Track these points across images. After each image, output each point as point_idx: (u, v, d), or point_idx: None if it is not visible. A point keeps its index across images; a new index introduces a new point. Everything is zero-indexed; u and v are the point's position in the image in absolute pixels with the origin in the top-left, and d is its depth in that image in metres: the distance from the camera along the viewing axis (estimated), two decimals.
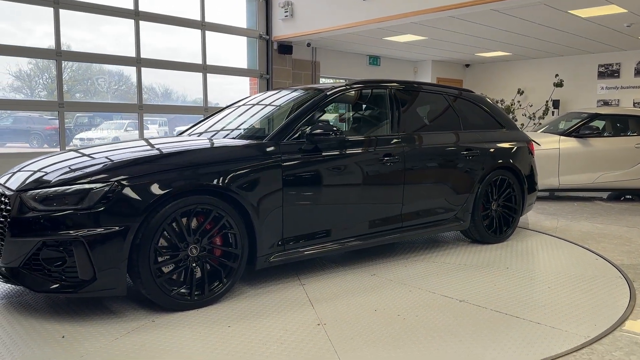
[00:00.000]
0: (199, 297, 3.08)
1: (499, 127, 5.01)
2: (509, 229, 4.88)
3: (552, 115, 12.61)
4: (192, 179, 3.04)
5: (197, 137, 4.15)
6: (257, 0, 10.12)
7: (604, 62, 12.26)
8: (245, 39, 10.36)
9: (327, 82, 11.47)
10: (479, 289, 3.55)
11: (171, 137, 4.17)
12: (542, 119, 12.64)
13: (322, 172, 3.61)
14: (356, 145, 3.88)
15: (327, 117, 4.42)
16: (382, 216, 3.98)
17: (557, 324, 2.92)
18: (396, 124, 4.22)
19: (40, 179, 3.03)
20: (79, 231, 2.77)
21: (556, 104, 12.84)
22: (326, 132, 3.55)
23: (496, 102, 13.37)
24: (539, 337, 2.75)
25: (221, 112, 4.71)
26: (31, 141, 9.53)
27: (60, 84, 7.73)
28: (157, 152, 3.37)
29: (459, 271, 3.96)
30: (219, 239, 3.16)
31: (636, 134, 7.58)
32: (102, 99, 9.01)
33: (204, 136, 4.15)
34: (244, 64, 10.46)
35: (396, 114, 4.25)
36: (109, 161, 3.15)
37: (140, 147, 3.58)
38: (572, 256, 4.40)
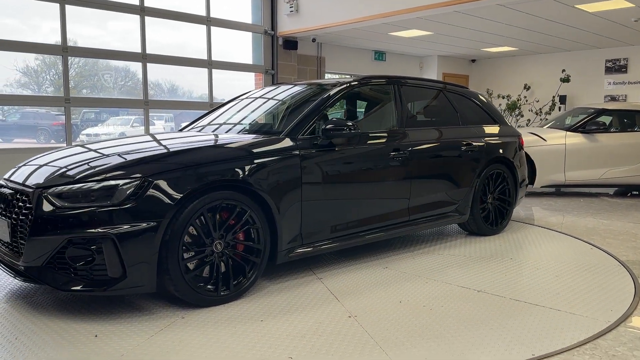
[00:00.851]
0: (225, 292, 3.08)
1: (492, 122, 5.16)
2: (504, 221, 5.05)
3: (559, 110, 12.54)
4: (220, 174, 3.05)
5: (212, 132, 4.14)
6: None
7: (611, 57, 12.17)
8: (250, 34, 10.36)
9: (329, 78, 11.45)
10: (491, 279, 3.67)
11: (180, 133, 4.15)
12: (549, 114, 12.57)
13: (337, 167, 3.66)
14: (369, 140, 3.95)
15: (330, 112, 4.42)
16: (392, 210, 4.07)
17: (575, 310, 3.06)
18: (403, 119, 4.29)
19: (61, 175, 2.97)
20: (109, 228, 2.71)
21: (563, 100, 12.77)
22: (341, 127, 3.58)
23: (502, 98, 13.31)
24: (564, 323, 2.88)
25: (224, 106, 4.71)
26: (38, 137, 9.59)
27: (66, 79, 7.77)
28: (182, 147, 3.33)
29: (467, 263, 4.07)
30: (241, 235, 3.17)
31: None
32: (108, 95, 9.04)
33: (218, 131, 4.15)
34: (249, 60, 10.46)
35: (403, 109, 4.32)
36: (131, 156, 3.10)
37: (155, 142, 3.57)
38: (574, 248, 4.41)
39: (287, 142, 3.45)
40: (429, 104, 4.82)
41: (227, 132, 4.12)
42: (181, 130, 4.51)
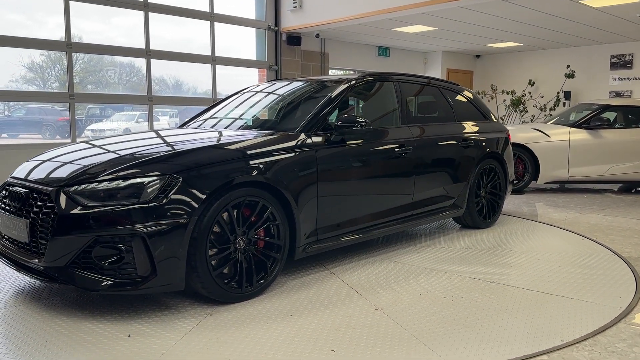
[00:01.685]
0: (248, 289, 3.09)
1: (483, 118, 5.29)
2: (495, 214, 5.22)
3: (564, 106, 12.49)
4: (245, 170, 3.07)
5: (225, 128, 4.14)
6: None
7: (616, 53, 12.09)
8: (254, 30, 10.36)
9: (332, 74, 11.44)
10: (498, 270, 3.78)
11: (193, 129, 4.11)
12: (553, 110, 12.53)
13: (349, 162, 3.72)
14: (379, 136, 4.02)
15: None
16: (399, 204, 4.16)
17: (587, 298, 3.19)
18: (405, 115, 4.38)
19: (83, 173, 2.90)
20: (138, 226, 2.67)
21: (567, 95, 12.72)
22: (354, 123, 3.62)
23: (507, 94, 13.27)
24: (581, 310, 3.00)
25: (228, 101, 4.71)
26: (44, 132, 9.64)
27: (70, 75, 7.79)
28: (205, 144, 3.31)
29: (470, 255, 4.18)
30: (261, 231, 3.18)
31: None
32: (113, 91, 9.07)
33: (230, 127, 4.15)
34: (252, 56, 10.47)
35: (405, 105, 4.41)
36: (153, 154, 3.07)
37: (172, 139, 3.58)
38: (573, 242, 4.42)
39: (303, 138, 3.49)
40: (429, 100, 4.93)
41: (238, 128, 4.13)
42: (181, 126, 4.49)
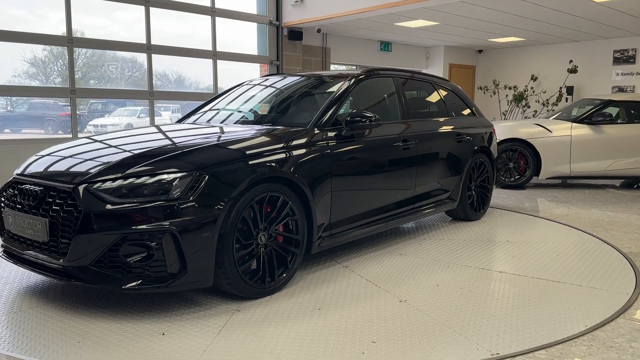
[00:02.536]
0: (271, 284, 3.10)
1: (472, 113, 5.43)
2: (485, 207, 5.42)
3: (566, 101, 12.45)
4: (268, 166, 3.07)
5: (234, 123, 4.15)
6: None
7: (619, 48, 12.03)
8: (255, 25, 10.34)
9: (334, 70, 11.42)
10: (502, 260, 3.88)
11: (204, 124, 4.09)
12: (556, 105, 12.49)
13: (360, 157, 3.77)
14: (386, 131, 4.08)
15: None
16: (403, 198, 4.25)
17: (594, 285, 3.30)
18: (405, 111, 4.44)
19: (107, 169, 2.81)
20: (168, 223, 2.63)
21: (570, 91, 12.67)
22: (364, 118, 3.66)
23: (509, 89, 13.22)
24: (593, 297, 3.10)
25: (226, 94, 4.71)
26: (46, 127, 9.65)
27: (72, 70, 7.80)
28: (226, 139, 3.27)
29: (470, 246, 4.27)
30: (281, 226, 3.19)
31: None
32: (115, 86, 9.08)
33: (238, 122, 4.16)
34: (254, 51, 10.45)
35: (406, 101, 4.48)
36: (177, 149, 3.05)
37: (190, 133, 3.59)
38: (572, 236, 4.43)
39: (318, 133, 3.51)
40: (426, 96, 5.03)
41: (247, 122, 4.13)
42: (182, 120, 4.48)
